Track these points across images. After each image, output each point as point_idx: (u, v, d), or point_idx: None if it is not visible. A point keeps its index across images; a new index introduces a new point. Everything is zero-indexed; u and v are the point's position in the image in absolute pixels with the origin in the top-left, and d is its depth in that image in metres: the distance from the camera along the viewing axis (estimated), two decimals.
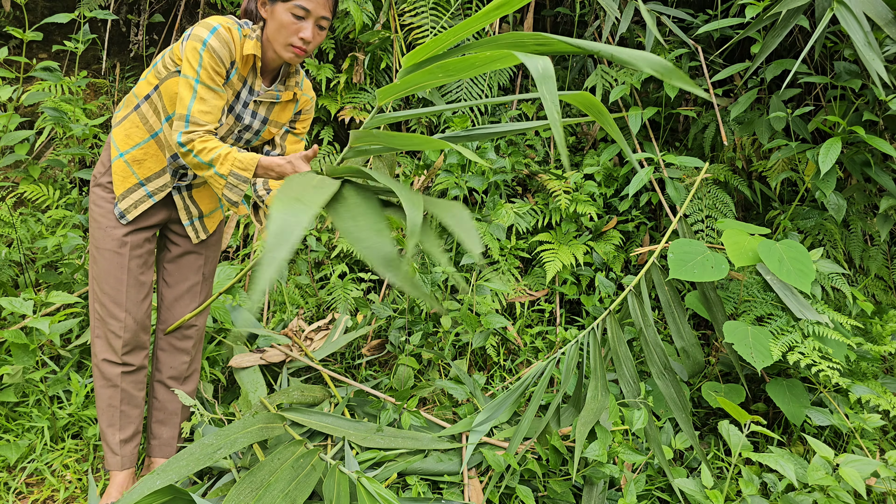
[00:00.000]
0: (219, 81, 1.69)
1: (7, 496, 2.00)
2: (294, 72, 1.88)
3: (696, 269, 2.18)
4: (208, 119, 1.67)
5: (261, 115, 1.87)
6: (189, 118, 1.65)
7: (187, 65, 1.66)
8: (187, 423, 2.12)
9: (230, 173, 1.63)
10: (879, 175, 2.56)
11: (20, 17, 3.97)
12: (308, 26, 1.68)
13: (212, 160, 1.63)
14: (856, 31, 2.19)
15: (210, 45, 1.65)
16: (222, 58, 1.68)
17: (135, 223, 1.89)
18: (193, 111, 1.65)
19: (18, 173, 2.78)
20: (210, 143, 1.65)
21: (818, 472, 1.79)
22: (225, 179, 1.63)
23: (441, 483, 2.06)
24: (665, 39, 3.21)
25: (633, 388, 2.13)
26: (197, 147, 1.64)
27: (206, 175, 1.67)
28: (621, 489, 2.08)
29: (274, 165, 1.62)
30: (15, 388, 2.20)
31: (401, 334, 2.75)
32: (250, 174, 1.63)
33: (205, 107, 1.66)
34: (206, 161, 1.64)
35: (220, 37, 1.67)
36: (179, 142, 1.65)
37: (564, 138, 3.37)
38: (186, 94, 1.66)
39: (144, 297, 1.94)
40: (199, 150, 1.64)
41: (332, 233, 3.20)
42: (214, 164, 1.64)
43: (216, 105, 1.69)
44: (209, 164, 1.64)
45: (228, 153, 1.63)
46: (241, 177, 1.63)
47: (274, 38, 1.71)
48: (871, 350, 2.37)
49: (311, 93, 1.97)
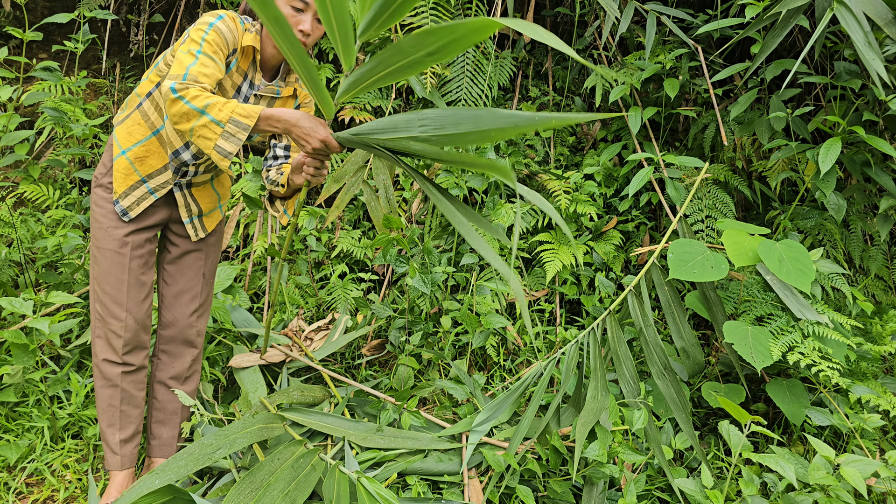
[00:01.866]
0: (221, 56, 1.67)
1: (7, 496, 2.00)
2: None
3: (696, 269, 2.18)
4: (206, 80, 1.61)
5: None
6: (187, 75, 1.58)
7: (189, 41, 1.64)
8: (187, 423, 2.12)
9: (230, 119, 1.55)
10: (879, 175, 2.56)
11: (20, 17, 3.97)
12: (307, 19, 1.70)
13: (206, 106, 1.54)
14: (856, 31, 2.19)
15: (217, 27, 1.66)
16: (227, 39, 1.68)
17: (136, 222, 1.90)
18: (192, 70, 1.59)
19: (18, 173, 2.78)
20: (206, 93, 1.57)
21: (819, 471, 1.79)
22: (222, 127, 1.54)
23: (441, 483, 2.06)
24: (665, 39, 3.21)
25: (633, 388, 2.13)
26: (192, 93, 1.55)
27: (196, 125, 1.56)
28: (621, 489, 2.08)
29: (282, 116, 1.55)
30: (15, 388, 2.20)
31: (401, 334, 2.75)
32: (252, 122, 1.55)
33: (205, 70, 1.61)
34: (198, 107, 1.54)
35: (227, 23, 1.69)
36: (172, 87, 1.54)
37: (563, 137, 3.37)
38: (187, 59, 1.61)
39: (145, 297, 1.94)
40: (193, 96, 1.55)
41: (332, 233, 3.20)
42: (209, 111, 1.54)
43: (215, 74, 1.64)
44: (202, 110, 1.54)
45: (227, 102, 1.57)
46: (241, 124, 1.55)
47: None
48: (871, 350, 2.37)
49: None
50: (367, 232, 3.23)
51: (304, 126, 1.54)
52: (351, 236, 3.13)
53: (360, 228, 3.25)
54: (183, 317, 2.07)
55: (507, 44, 3.58)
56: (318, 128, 1.54)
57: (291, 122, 1.55)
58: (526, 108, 3.32)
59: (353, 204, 3.33)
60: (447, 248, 2.97)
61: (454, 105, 3.21)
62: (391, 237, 2.39)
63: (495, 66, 3.32)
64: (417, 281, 2.46)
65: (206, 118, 1.54)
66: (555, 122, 1.12)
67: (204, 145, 1.58)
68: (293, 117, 1.55)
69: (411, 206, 3.15)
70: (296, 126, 1.55)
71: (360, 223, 3.33)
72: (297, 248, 3.20)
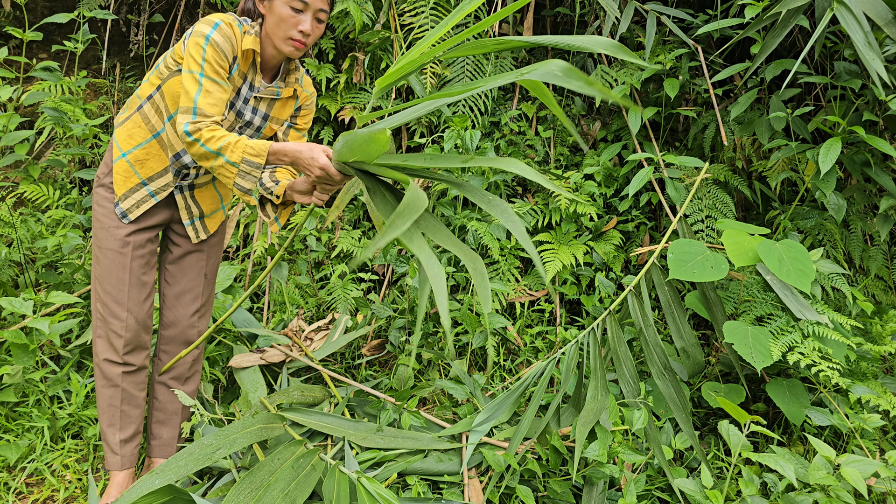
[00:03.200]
0: (223, 74, 1.69)
1: (7, 496, 2.00)
2: (294, 68, 1.89)
3: (695, 269, 2.18)
4: (214, 111, 1.66)
5: (261, 112, 1.87)
6: (196, 109, 1.64)
7: (190, 60, 1.66)
8: (187, 424, 2.12)
9: (242, 160, 1.61)
10: (879, 175, 2.56)
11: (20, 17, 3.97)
12: (307, 19, 1.70)
13: (220, 148, 1.61)
14: (856, 31, 2.19)
15: (213, 40, 1.66)
16: (225, 52, 1.68)
17: (137, 223, 1.90)
18: (200, 103, 1.64)
19: (18, 173, 2.78)
20: (218, 133, 1.63)
21: (819, 471, 1.80)
22: (237, 168, 1.61)
23: (441, 483, 2.06)
24: (665, 39, 3.21)
25: (633, 388, 2.13)
26: (205, 136, 1.62)
27: (215, 165, 1.64)
28: (621, 489, 2.08)
29: (287, 150, 1.61)
30: (15, 388, 2.20)
31: (401, 334, 2.75)
32: (262, 160, 1.61)
33: (211, 99, 1.66)
34: (214, 150, 1.62)
35: (223, 32, 1.68)
36: (186, 131, 1.63)
37: (563, 137, 3.37)
38: (192, 87, 1.65)
39: (146, 297, 1.94)
40: (206, 138, 1.62)
41: (332, 233, 3.20)
42: (224, 153, 1.61)
43: (221, 98, 1.68)
44: (217, 152, 1.62)
45: (238, 141, 1.62)
46: (253, 163, 1.61)
47: (273, 33, 1.72)
48: (871, 350, 2.37)
49: (311, 88, 1.98)
50: (367, 232, 3.23)
51: (305, 157, 1.58)
52: (351, 236, 3.13)
53: (360, 228, 3.25)
54: (184, 317, 2.07)
55: None
56: (318, 157, 1.56)
57: (296, 154, 1.60)
58: (526, 108, 3.32)
59: (353, 204, 3.33)
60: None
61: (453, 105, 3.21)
62: None
63: (495, 66, 3.32)
64: (417, 281, 2.46)
65: (222, 159, 1.62)
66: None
67: (225, 182, 1.66)
68: (297, 149, 1.60)
69: None
70: (299, 158, 1.60)
71: (360, 223, 3.33)
72: (297, 248, 3.20)
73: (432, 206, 3.10)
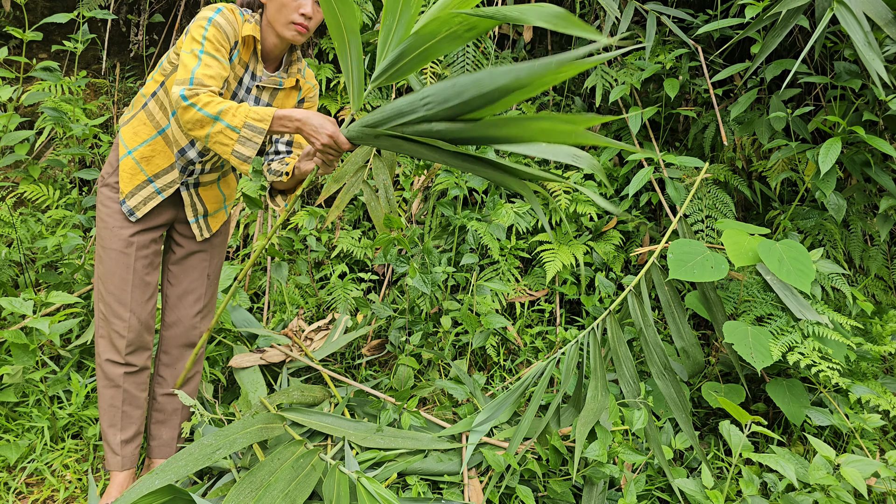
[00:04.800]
0: (224, 53, 1.68)
1: (7, 496, 2.00)
2: (296, 59, 1.90)
3: (695, 269, 2.18)
4: (212, 82, 1.63)
5: (264, 102, 1.88)
6: (193, 79, 1.60)
7: (191, 41, 1.65)
8: (187, 423, 2.12)
9: (245, 124, 1.57)
10: (879, 175, 2.56)
11: (20, 17, 3.97)
12: (308, 2, 1.71)
13: (220, 112, 1.56)
14: (856, 31, 2.19)
15: (216, 21, 1.67)
16: (227, 33, 1.69)
17: (142, 223, 1.90)
18: (198, 73, 1.61)
19: (18, 173, 2.78)
20: (217, 98, 1.59)
21: (819, 471, 1.80)
22: (237, 133, 1.57)
23: (441, 483, 2.06)
24: (665, 39, 3.21)
25: (633, 388, 2.13)
26: (203, 100, 1.57)
27: (212, 132, 1.58)
28: (621, 489, 2.08)
29: (294, 115, 1.58)
30: (15, 388, 2.20)
31: (401, 334, 2.75)
32: (267, 125, 1.58)
33: (209, 71, 1.63)
34: (212, 114, 1.56)
35: (226, 16, 1.69)
36: (182, 95, 1.56)
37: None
38: (191, 61, 1.62)
39: (149, 297, 1.94)
40: (204, 102, 1.57)
41: (332, 233, 3.20)
42: (223, 118, 1.56)
43: (220, 73, 1.66)
44: (216, 117, 1.56)
45: (240, 106, 1.59)
46: (256, 128, 1.58)
47: (275, 20, 1.73)
48: (871, 350, 2.37)
49: (313, 80, 1.99)
50: (367, 232, 3.23)
51: (314, 123, 1.57)
52: (351, 236, 3.13)
53: (360, 228, 3.25)
54: (187, 318, 2.07)
55: (507, 44, 3.58)
56: (327, 124, 1.57)
57: (302, 120, 1.58)
58: (526, 109, 3.32)
59: (353, 204, 3.33)
60: (447, 248, 2.97)
61: None
62: (391, 237, 2.39)
63: (495, 66, 3.32)
64: (417, 281, 2.46)
65: (221, 124, 1.57)
66: (554, 65, 1.13)
67: (221, 151, 1.60)
68: (303, 115, 1.59)
69: (411, 206, 3.15)
70: (306, 124, 1.58)
71: (360, 223, 3.33)
72: (298, 248, 3.20)
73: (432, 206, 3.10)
